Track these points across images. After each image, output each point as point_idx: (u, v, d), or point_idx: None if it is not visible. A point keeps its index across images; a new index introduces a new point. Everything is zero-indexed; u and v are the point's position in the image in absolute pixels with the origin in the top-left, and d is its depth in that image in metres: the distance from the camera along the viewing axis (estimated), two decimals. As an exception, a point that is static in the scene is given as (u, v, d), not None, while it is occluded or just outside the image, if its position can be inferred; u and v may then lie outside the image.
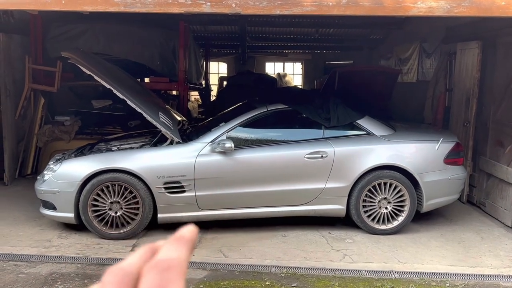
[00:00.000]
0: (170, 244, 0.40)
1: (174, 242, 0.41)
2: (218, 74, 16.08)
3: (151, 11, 3.66)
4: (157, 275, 0.37)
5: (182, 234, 0.42)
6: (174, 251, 0.39)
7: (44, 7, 3.72)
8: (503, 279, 3.92)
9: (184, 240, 0.41)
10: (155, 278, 0.37)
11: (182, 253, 0.40)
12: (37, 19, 6.97)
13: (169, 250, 0.39)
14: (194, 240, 0.42)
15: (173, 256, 0.39)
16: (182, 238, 0.41)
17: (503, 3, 3.56)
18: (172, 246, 0.40)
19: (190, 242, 0.41)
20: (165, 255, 0.39)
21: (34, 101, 7.02)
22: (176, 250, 0.40)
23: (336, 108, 5.02)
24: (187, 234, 0.42)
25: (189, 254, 0.40)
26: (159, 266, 0.38)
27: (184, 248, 0.40)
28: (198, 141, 4.71)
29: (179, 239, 0.41)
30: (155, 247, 0.42)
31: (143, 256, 0.40)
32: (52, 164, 4.78)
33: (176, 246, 0.40)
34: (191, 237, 0.42)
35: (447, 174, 4.86)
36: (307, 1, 3.58)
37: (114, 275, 0.38)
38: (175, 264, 0.38)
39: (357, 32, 11.64)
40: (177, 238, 0.41)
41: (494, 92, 5.55)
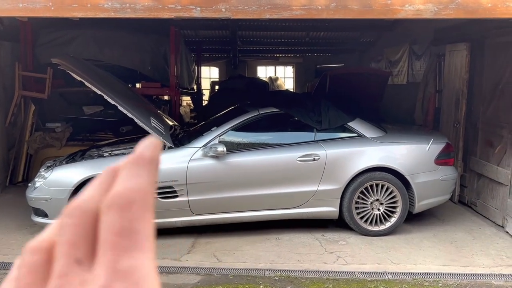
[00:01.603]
0: (127, 168, 0.32)
1: (132, 165, 0.32)
2: (210, 79, 16.08)
3: (141, 16, 3.66)
4: (116, 215, 0.30)
5: (141, 152, 0.32)
6: (133, 179, 0.31)
7: (34, 14, 3.71)
8: (494, 278, 3.95)
9: (145, 161, 0.32)
10: (115, 219, 0.30)
11: (144, 179, 0.31)
12: (27, 25, 6.94)
13: (127, 178, 0.31)
14: (157, 158, 0.33)
15: (132, 186, 0.31)
16: (141, 158, 0.32)
17: (489, 5, 3.61)
18: (130, 172, 0.32)
19: (153, 161, 0.32)
20: (122, 186, 0.31)
21: (25, 108, 6.97)
22: (135, 176, 0.31)
23: (327, 110, 5.04)
24: (147, 152, 0.32)
25: (153, 177, 0.32)
26: (117, 203, 0.30)
27: (145, 172, 0.31)
28: (190, 146, 4.71)
29: (138, 160, 0.32)
30: (114, 170, 0.34)
31: (102, 186, 0.33)
32: (43, 171, 4.75)
33: (135, 171, 0.31)
34: (153, 155, 0.32)
35: (438, 175, 4.91)
36: (296, 5, 3.61)
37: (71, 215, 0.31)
38: (137, 196, 0.30)
39: (348, 35, 11.73)
40: (136, 159, 0.32)
41: (483, 92, 5.61)
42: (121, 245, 0.29)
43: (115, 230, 0.30)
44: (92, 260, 0.30)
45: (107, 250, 0.29)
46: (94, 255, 0.30)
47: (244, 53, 14.05)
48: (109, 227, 0.30)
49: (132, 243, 0.29)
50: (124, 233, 0.29)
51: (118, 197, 0.30)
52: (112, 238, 0.29)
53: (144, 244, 0.30)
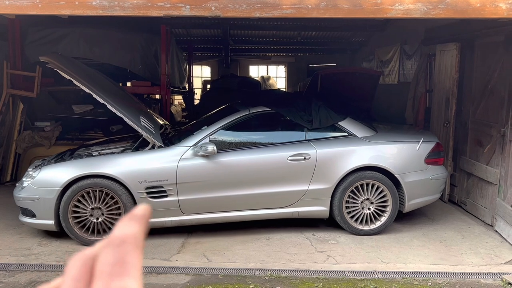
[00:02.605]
0: (122, 223, 0.41)
1: (127, 220, 0.41)
2: (202, 78, 16.04)
3: (130, 14, 3.63)
4: (112, 250, 0.38)
5: (135, 213, 0.42)
6: (126, 227, 0.40)
7: (21, 11, 3.66)
8: (483, 277, 3.98)
9: (136, 218, 0.42)
10: (111, 253, 0.38)
11: (135, 228, 0.40)
12: (15, 23, 6.86)
13: (122, 228, 0.40)
14: (147, 217, 0.42)
15: (125, 231, 0.40)
16: (134, 216, 0.42)
17: (478, 5, 3.62)
18: (124, 224, 0.41)
19: (143, 219, 0.42)
20: (118, 232, 0.40)
21: (13, 107, 6.89)
22: (128, 226, 0.41)
23: (318, 110, 5.04)
24: (139, 212, 0.42)
25: (142, 229, 0.41)
26: (113, 242, 0.39)
27: (137, 224, 0.41)
28: (180, 145, 4.68)
29: (131, 218, 0.42)
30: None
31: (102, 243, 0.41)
32: (31, 171, 4.70)
33: (128, 223, 0.41)
34: (143, 214, 0.42)
35: (428, 174, 4.92)
36: (286, 4, 3.59)
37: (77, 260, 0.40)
38: (129, 237, 0.39)
39: (339, 35, 11.76)
40: (129, 217, 0.42)
41: (473, 92, 5.65)
42: (114, 272, 0.37)
43: (110, 261, 0.38)
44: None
45: (103, 276, 0.37)
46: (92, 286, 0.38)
47: (236, 52, 14.03)
48: (105, 260, 0.38)
49: (123, 270, 0.37)
50: (117, 263, 0.38)
51: (113, 238, 0.39)
52: (107, 267, 0.38)
53: (133, 272, 0.38)
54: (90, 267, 0.39)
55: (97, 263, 0.39)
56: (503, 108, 4.85)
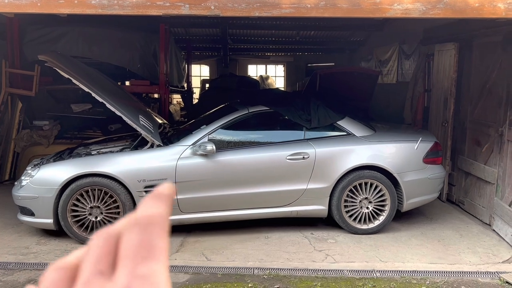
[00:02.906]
0: (147, 201, 0.39)
1: (152, 199, 0.39)
2: (201, 77, 16.04)
3: (129, 13, 3.63)
4: (139, 231, 0.36)
5: (160, 191, 0.39)
6: (153, 207, 0.38)
7: (20, 9, 3.66)
8: (481, 275, 3.99)
9: (162, 197, 0.39)
10: (137, 234, 0.36)
11: (162, 208, 0.38)
12: (14, 22, 6.85)
13: (148, 207, 0.38)
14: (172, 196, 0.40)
15: (152, 212, 0.37)
16: (159, 195, 0.39)
17: (477, 5, 3.64)
18: (150, 203, 0.38)
19: (168, 198, 0.39)
20: (144, 211, 0.37)
21: (12, 106, 6.88)
22: (155, 206, 0.38)
23: (317, 109, 5.05)
24: (165, 191, 0.40)
25: (168, 209, 0.38)
26: (139, 223, 0.36)
27: (163, 204, 0.38)
28: (179, 144, 4.68)
29: (157, 196, 0.39)
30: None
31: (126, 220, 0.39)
32: (30, 169, 4.69)
33: (155, 203, 0.38)
34: (169, 193, 0.40)
35: (426, 173, 4.94)
36: (285, 3, 3.60)
37: (99, 237, 0.37)
38: (156, 219, 0.37)
39: (338, 35, 11.77)
40: (155, 196, 0.39)
41: (471, 92, 5.66)
42: (140, 255, 0.35)
43: (136, 243, 0.35)
44: (113, 272, 0.35)
45: (128, 259, 0.35)
46: (115, 268, 0.35)
47: (235, 51, 14.03)
48: (130, 241, 0.35)
49: (150, 254, 0.35)
50: (143, 246, 0.35)
51: (140, 218, 0.37)
52: (133, 250, 0.35)
53: (160, 256, 0.35)
54: (114, 247, 0.37)
55: (122, 243, 0.36)
56: (501, 108, 4.86)
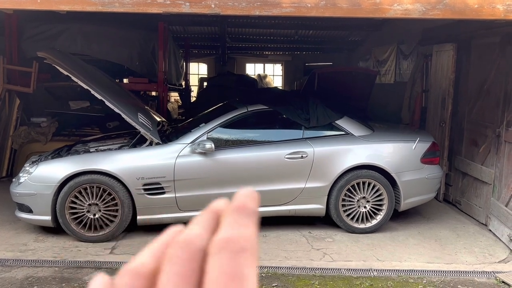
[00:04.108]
0: (233, 216, 0.34)
1: (238, 212, 0.34)
2: (198, 75, 16.02)
3: (129, 11, 3.63)
4: (229, 258, 0.31)
5: (245, 203, 0.34)
6: (242, 227, 0.33)
7: (20, 6, 3.65)
8: (477, 275, 4.02)
9: (249, 211, 0.34)
10: (227, 261, 0.31)
11: (251, 229, 0.33)
12: (12, 18, 6.82)
13: (236, 225, 0.33)
14: (257, 210, 0.34)
15: (243, 234, 0.32)
16: (245, 208, 0.34)
17: (476, 6, 3.66)
18: (237, 220, 0.33)
19: (255, 213, 0.34)
20: (233, 232, 0.32)
21: (9, 102, 6.86)
22: (244, 226, 0.33)
23: (316, 108, 5.06)
24: (250, 203, 0.34)
25: (256, 228, 0.33)
26: (230, 247, 0.31)
27: (251, 222, 0.33)
28: (178, 142, 4.68)
29: (243, 209, 0.34)
30: (215, 213, 0.35)
31: (208, 226, 0.34)
32: (28, 166, 4.69)
33: (242, 220, 0.33)
34: (254, 207, 0.34)
35: (424, 173, 4.96)
36: (286, 2, 3.61)
37: (182, 249, 0.32)
38: (248, 244, 0.32)
39: (336, 34, 11.79)
40: (240, 208, 0.34)
41: (469, 92, 5.69)
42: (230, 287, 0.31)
43: (226, 272, 0.31)
44: None
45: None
46: None
47: (233, 50, 14.03)
48: (220, 269, 0.31)
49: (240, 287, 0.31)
50: (234, 277, 0.31)
51: (231, 242, 0.32)
52: (222, 280, 0.31)
53: None
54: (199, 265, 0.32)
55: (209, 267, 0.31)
56: (499, 109, 4.89)
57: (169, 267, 0.32)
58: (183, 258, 0.32)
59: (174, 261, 0.32)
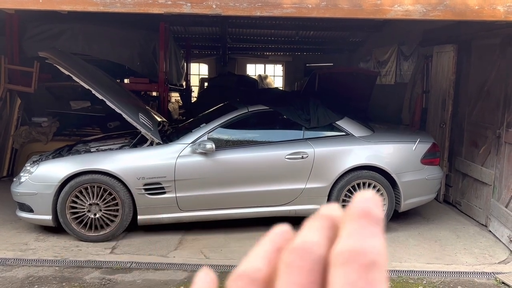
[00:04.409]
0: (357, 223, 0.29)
1: (362, 220, 0.29)
2: (199, 75, 16.03)
3: (131, 11, 3.64)
4: (357, 272, 0.27)
5: (369, 209, 0.29)
6: (370, 238, 0.28)
7: (22, 6, 3.66)
8: (477, 276, 4.03)
9: (375, 219, 0.29)
10: (355, 276, 0.27)
11: (381, 241, 0.28)
12: (14, 18, 6.84)
13: (362, 235, 0.28)
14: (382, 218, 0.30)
15: (373, 246, 0.28)
16: (371, 216, 0.29)
17: (477, 7, 3.66)
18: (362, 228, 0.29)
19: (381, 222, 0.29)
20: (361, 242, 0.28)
21: (10, 102, 6.87)
22: (372, 235, 0.28)
23: (316, 109, 5.07)
24: (375, 209, 0.30)
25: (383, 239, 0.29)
26: (359, 260, 0.27)
27: (379, 232, 0.29)
28: (178, 142, 4.69)
29: (368, 217, 0.29)
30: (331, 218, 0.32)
31: (324, 232, 0.31)
32: (29, 166, 4.70)
33: (369, 229, 0.29)
34: (380, 214, 0.29)
35: (424, 174, 4.97)
36: (287, 3, 3.62)
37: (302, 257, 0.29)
38: (379, 259, 0.28)
39: (337, 35, 11.79)
40: (365, 214, 0.29)
41: (469, 94, 5.70)
42: None
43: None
44: None
45: None
46: None
47: (234, 50, 14.04)
48: (347, 284, 0.27)
49: None
50: None
51: (359, 254, 0.28)
52: None
53: None
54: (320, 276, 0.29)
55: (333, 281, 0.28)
56: (499, 110, 4.90)
57: (287, 276, 0.29)
58: (302, 268, 0.29)
59: (293, 270, 0.29)
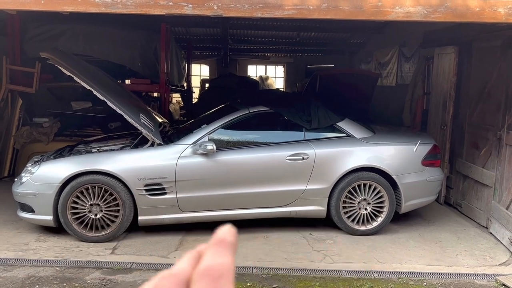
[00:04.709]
0: (214, 248, 0.39)
1: (217, 246, 0.39)
2: (200, 76, 16.04)
3: (132, 12, 3.65)
4: (209, 283, 0.36)
5: (224, 237, 0.40)
6: (221, 257, 0.38)
7: (23, 6, 3.67)
8: (478, 278, 4.02)
9: (227, 244, 0.39)
10: (207, 286, 0.36)
11: (229, 258, 0.38)
12: (15, 19, 6.85)
13: (215, 256, 0.38)
14: (236, 243, 0.40)
15: (221, 262, 0.38)
16: (224, 242, 0.40)
17: (478, 9, 3.67)
18: (217, 251, 0.39)
19: (233, 245, 0.40)
20: (212, 261, 0.38)
21: (12, 102, 6.89)
22: (222, 255, 0.38)
23: (317, 110, 5.07)
24: (229, 237, 0.40)
25: (233, 258, 0.39)
26: (210, 274, 0.37)
27: (229, 253, 0.39)
28: (179, 143, 4.70)
29: (222, 243, 0.39)
30: (200, 252, 0.41)
31: (191, 262, 0.40)
32: (30, 166, 4.70)
33: (221, 251, 0.39)
34: (233, 240, 0.40)
35: (425, 176, 4.97)
36: (288, 5, 3.62)
37: (167, 280, 0.38)
38: (226, 271, 0.37)
39: (338, 36, 11.80)
40: (219, 241, 0.40)
41: (470, 95, 5.70)
42: None
43: None
44: None
45: None
46: None
47: (235, 51, 14.05)
48: None
49: None
50: None
51: (210, 269, 0.37)
52: None
53: None
54: None
55: None
56: (500, 112, 4.90)
57: None
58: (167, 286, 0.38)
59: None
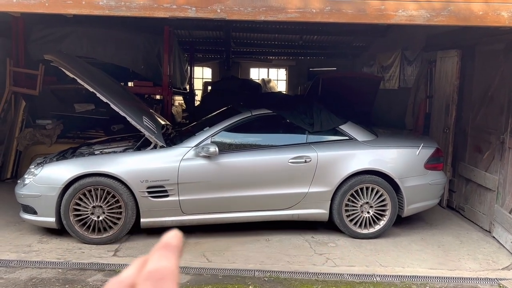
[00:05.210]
0: (158, 252, 0.41)
1: (162, 250, 0.41)
2: (203, 79, 16.07)
3: (136, 15, 3.66)
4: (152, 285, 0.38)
5: (168, 241, 0.42)
6: (164, 260, 0.40)
7: (28, 9, 3.69)
8: (481, 282, 4.01)
9: (171, 247, 0.41)
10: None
11: (172, 261, 0.40)
12: (19, 21, 6.89)
13: (159, 259, 0.40)
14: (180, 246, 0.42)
15: (165, 265, 0.39)
16: (169, 245, 0.41)
17: (481, 13, 3.67)
18: (161, 255, 0.40)
19: (177, 249, 0.41)
20: (156, 264, 0.39)
21: (15, 104, 6.91)
22: (165, 258, 0.40)
23: (320, 113, 5.08)
24: (173, 241, 0.42)
25: (178, 261, 0.41)
26: (153, 277, 0.38)
27: (173, 256, 0.40)
28: (182, 145, 4.70)
29: (166, 247, 0.41)
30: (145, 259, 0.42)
31: (137, 268, 0.41)
32: (33, 168, 4.72)
33: (165, 254, 0.40)
34: (178, 243, 0.42)
35: (427, 179, 4.96)
36: (291, 8, 3.63)
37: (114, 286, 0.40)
38: (168, 273, 0.39)
39: (341, 40, 11.81)
40: (164, 246, 0.41)
41: (473, 99, 5.69)
42: None
43: None
44: None
45: None
46: None
47: (238, 54, 14.08)
48: None
49: None
50: None
51: (153, 272, 0.39)
52: None
53: None
54: None
55: None
56: (503, 115, 4.89)
57: None
58: None
59: None
